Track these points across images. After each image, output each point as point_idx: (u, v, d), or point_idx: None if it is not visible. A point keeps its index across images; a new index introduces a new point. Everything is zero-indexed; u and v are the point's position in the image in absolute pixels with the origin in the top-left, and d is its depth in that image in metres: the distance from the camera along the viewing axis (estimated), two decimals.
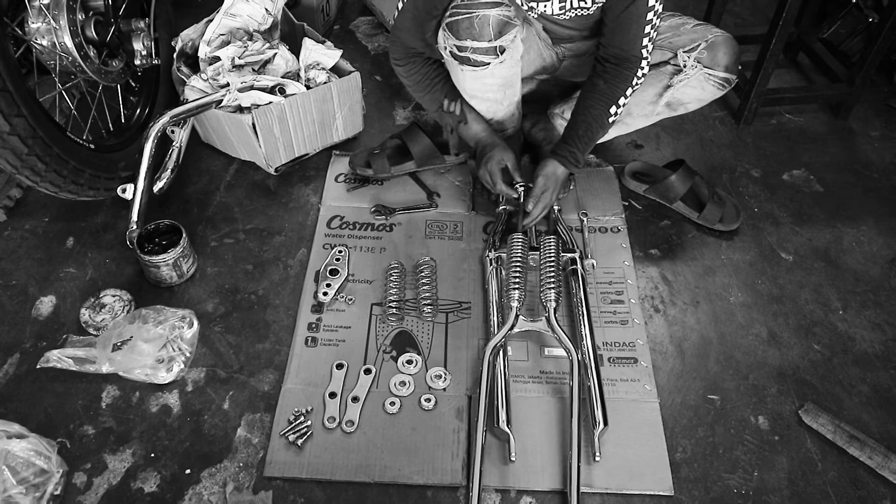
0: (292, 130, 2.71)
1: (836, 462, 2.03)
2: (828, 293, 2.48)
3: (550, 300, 2.24)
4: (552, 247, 2.35)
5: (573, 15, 2.26)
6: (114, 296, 2.31)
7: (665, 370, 2.23)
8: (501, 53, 2.22)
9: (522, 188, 2.49)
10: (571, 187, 2.75)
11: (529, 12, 2.28)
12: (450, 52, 2.25)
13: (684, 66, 2.42)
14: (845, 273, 2.54)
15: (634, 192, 2.79)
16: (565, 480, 1.95)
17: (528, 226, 2.47)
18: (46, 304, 2.35)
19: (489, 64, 2.23)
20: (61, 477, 1.90)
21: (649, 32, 2.20)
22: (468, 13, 2.15)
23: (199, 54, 2.76)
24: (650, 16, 2.16)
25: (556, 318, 2.21)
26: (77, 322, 2.27)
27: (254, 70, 2.72)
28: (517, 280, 2.27)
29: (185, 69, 2.79)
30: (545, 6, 2.23)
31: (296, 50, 2.81)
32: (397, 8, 2.27)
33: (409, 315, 2.34)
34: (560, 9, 2.23)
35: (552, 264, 2.31)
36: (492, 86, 2.38)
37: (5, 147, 2.05)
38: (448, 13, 2.19)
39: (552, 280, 2.27)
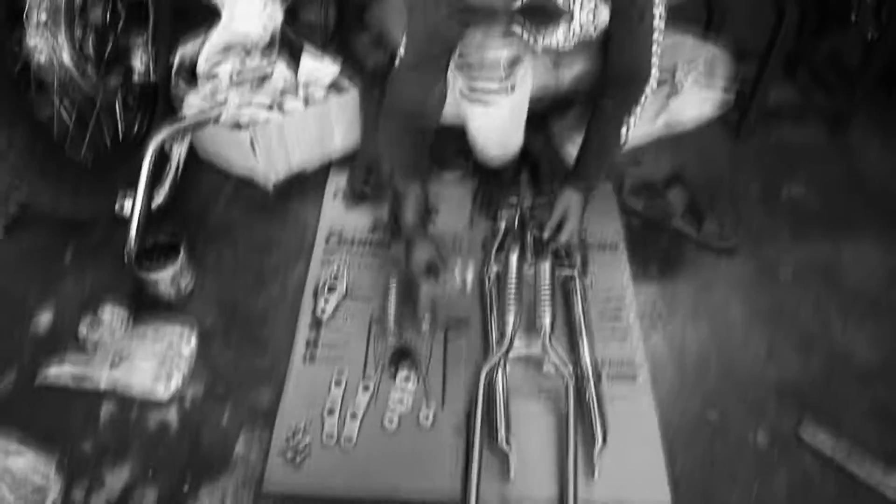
0: (290, 146, 2.71)
1: (835, 478, 2.03)
2: (827, 308, 2.48)
3: (545, 324, 2.25)
4: (548, 269, 2.36)
5: (577, 42, 2.27)
6: (112, 311, 2.30)
7: (664, 386, 2.23)
8: (512, 90, 2.22)
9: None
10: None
11: (535, 45, 2.28)
12: (461, 92, 2.25)
13: (682, 85, 2.42)
14: (844, 288, 2.54)
15: (633, 208, 2.79)
16: (563, 496, 1.94)
17: (548, 250, 2.47)
18: (44, 319, 2.34)
19: (500, 101, 2.24)
20: (59, 493, 1.89)
21: (655, 50, 2.20)
22: (479, 55, 2.16)
23: (197, 70, 2.76)
24: (655, 35, 2.16)
25: (550, 340, 2.22)
26: (75, 337, 2.27)
27: (252, 86, 2.72)
28: (511, 303, 2.27)
29: (183, 85, 2.79)
30: (549, 40, 2.23)
31: (294, 66, 2.81)
32: (399, 56, 2.25)
33: (407, 332, 2.34)
34: (564, 39, 2.24)
35: (548, 287, 2.31)
36: (501, 117, 2.38)
37: (3, 162, 2.05)
38: (458, 55, 2.18)
39: (547, 303, 2.28)
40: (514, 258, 2.39)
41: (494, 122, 2.41)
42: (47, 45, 2.28)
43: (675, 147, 2.97)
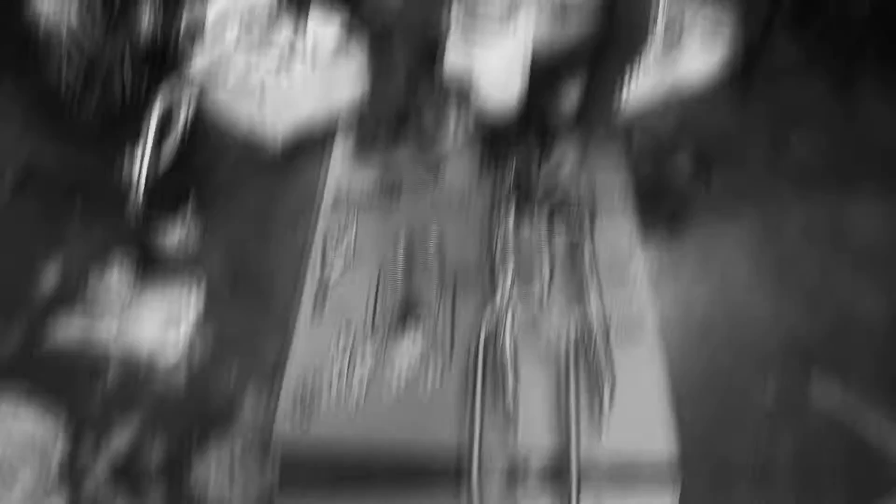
0: (296, 106, 2.70)
1: (841, 433, 2.03)
2: (833, 265, 2.47)
3: (544, 279, 2.25)
4: (549, 224, 2.36)
5: None
6: (119, 269, 2.30)
7: (671, 343, 2.22)
8: (512, 29, 2.21)
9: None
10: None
11: None
12: (460, 25, 2.24)
13: (687, 37, 2.41)
14: (850, 245, 2.54)
15: (639, 167, 2.78)
16: (567, 452, 1.95)
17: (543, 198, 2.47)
18: (51, 277, 2.35)
19: (499, 39, 2.23)
20: (65, 452, 1.90)
21: (660, 3, 2.19)
22: None
23: (204, 30, 2.75)
24: None
25: (549, 295, 2.23)
26: (82, 292, 2.27)
27: (259, 46, 2.71)
28: (511, 259, 2.28)
29: (190, 45, 2.78)
30: None
31: (301, 25, 2.80)
32: None
33: (414, 286, 2.34)
34: None
35: (545, 242, 2.32)
36: (501, 62, 2.37)
37: (10, 121, 2.05)
38: None
39: (545, 258, 2.28)
40: (514, 214, 2.39)
41: (496, 63, 2.40)
42: (55, 3, 2.27)
43: (679, 105, 2.96)
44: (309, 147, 2.83)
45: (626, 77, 2.31)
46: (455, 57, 2.39)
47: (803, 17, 3.44)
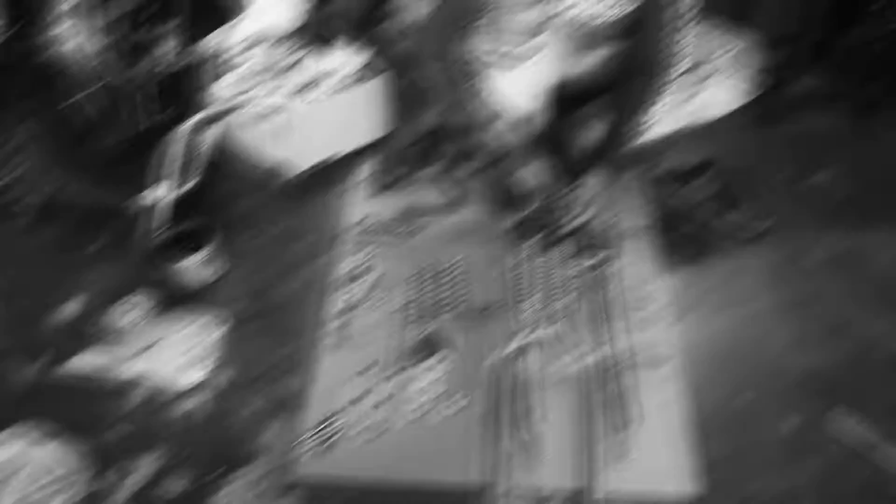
0: (316, 135, 2.71)
1: (864, 467, 2.01)
2: (855, 296, 2.45)
3: (564, 310, 2.25)
4: (571, 251, 2.36)
5: (605, 18, 2.26)
6: (138, 301, 2.30)
7: (692, 373, 2.21)
8: (535, 55, 2.22)
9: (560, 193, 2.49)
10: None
11: (560, 14, 2.27)
12: (485, 54, 2.25)
13: (710, 75, 2.41)
14: (872, 276, 2.52)
15: (660, 196, 2.77)
16: (588, 485, 1.94)
17: (567, 232, 2.47)
18: (70, 309, 2.35)
19: (522, 66, 2.24)
20: (84, 483, 1.90)
21: (682, 37, 2.19)
22: (504, 18, 2.15)
23: (224, 59, 2.76)
24: (686, 19, 2.16)
25: (571, 326, 2.22)
26: (103, 326, 2.27)
27: (279, 75, 2.72)
28: (530, 290, 2.28)
29: (210, 74, 2.79)
30: (578, 10, 2.23)
31: (321, 55, 2.81)
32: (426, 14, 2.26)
33: (434, 318, 2.34)
34: (591, 13, 2.23)
35: (566, 273, 2.32)
36: (521, 86, 2.38)
37: (25, 154, 2.06)
38: (484, 16, 2.18)
39: (566, 289, 2.28)
40: (535, 245, 2.38)
41: (515, 88, 2.40)
42: (73, 33, 2.28)
43: (702, 134, 2.96)
44: (330, 177, 2.83)
45: (650, 108, 2.31)
46: (479, 86, 2.39)
47: (825, 47, 3.45)
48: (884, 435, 2.06)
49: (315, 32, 2.88)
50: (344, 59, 2.81)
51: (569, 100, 2.77)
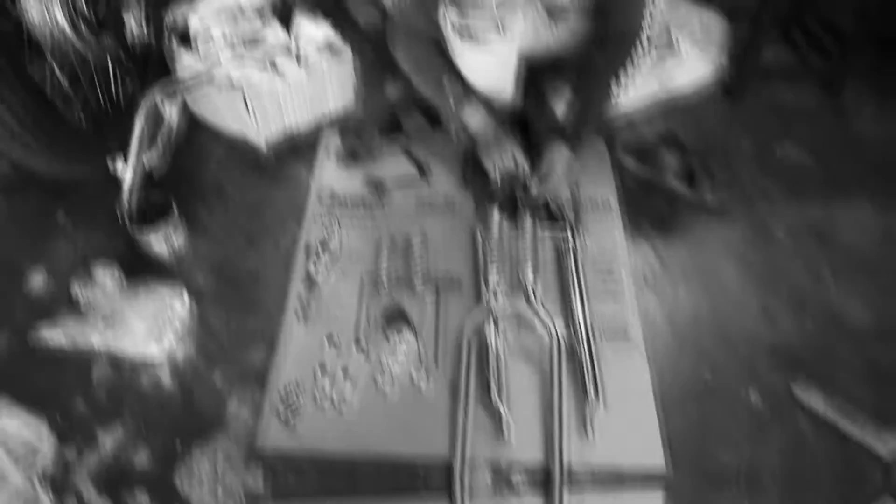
0: (283, 107, 2.70)
1: (827, 437, 2.03)
2: (820, 268, 2.47)
3: (528, 281, 2.25)
4: (534, 224, 2.36)
5: None
6: (105, 272, 2.29)
7: (657, 345, 2.23)
8: (503, 29, 2.21)
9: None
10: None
11: None
12: (452, 26, 2.24)
13: (678, 48, 2.41)
14: (837, 248, 2.54)
15: (626, 167, 2.77)
16: (554, 456, 1.95)
17: (532, 203, 2.47)
18: (37, 280, 2.34)
19: (491, 40, 2.23)
20: (52, 452, 1.90)
21: (651, 9, 2.19)
22: None
23: (191, 30, 2.74)
24: None
25: (535, 297, 2.23)
26: (68, 297, 2.26)
27: (245, 47, 2.70)
28: (496, 261, 2.28)
29: (177, 45, 2.77)
30: None
31: (287, 26, 2.80)
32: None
33: (400, 290, 2.34)
34: None
35: (530, 243, 2.32)
36: (492, 62, 2.37)
37: None
38: None
39: (530, 259, 2.28)
40: (502, 217, 2.39)
41: (485, 65, 2.40)
42: (41, 3, 2.26)
43: (669, 107, 2.96)
44: (297, 150, 2.82)
45: (618, 82, 2.31)
46: (449, 59, 2.39)
47: (793, 22, 3.45)
48: (850, 407, 2.07)
49: (282, 4, 2.87)
50: (311, 31, 2.79)
51: (537, 73, 2.77)
